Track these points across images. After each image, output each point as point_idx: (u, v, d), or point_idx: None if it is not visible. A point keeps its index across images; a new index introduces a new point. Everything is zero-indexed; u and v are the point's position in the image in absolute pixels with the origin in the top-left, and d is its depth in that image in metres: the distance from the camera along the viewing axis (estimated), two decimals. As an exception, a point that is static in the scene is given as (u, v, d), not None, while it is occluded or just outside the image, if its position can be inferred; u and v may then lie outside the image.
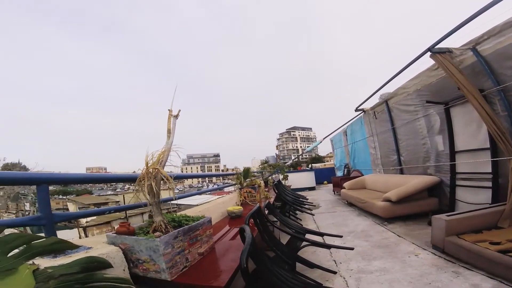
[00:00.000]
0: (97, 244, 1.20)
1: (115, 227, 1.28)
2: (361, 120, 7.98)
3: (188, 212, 2.20)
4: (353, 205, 6.21)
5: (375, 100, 6.68)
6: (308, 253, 3.15)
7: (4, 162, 17.54)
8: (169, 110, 1.43)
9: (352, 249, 2.48)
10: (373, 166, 7.50)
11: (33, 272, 0.84)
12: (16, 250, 0.89)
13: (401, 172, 5.92)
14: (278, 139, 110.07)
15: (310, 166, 24.24)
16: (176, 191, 1.45)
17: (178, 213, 1.59)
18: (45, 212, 1.19)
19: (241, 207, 2.83)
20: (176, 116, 1.39)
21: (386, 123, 6.25)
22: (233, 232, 2.14)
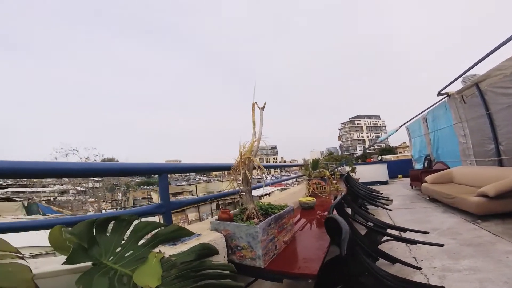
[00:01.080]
0: (203, 230, 1.29)
1: (186, 215, 1.36)
2: (445, 105, 6.91)
3: (264, 200, 2.31)
4: (436, 201, 5.49)
5: (457, 85, 5.81)
6: (384, 248, 2.97)
7: (102, 157, 21.29)
8: (253, 104, 1.53)
9: (441, 245, 2.27)
10: (463, 157, 6.44)
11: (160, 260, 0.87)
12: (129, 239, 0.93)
13: (500, 163, 4.95)
14: (340, 129, 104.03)
15: (380, 158, 22.25)
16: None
17: (264, 202, 1.68)
18: (165, 200, 1.33)
19: (314, 198, 2.82)
20: (263, 108, 1.46)
21: (478, 107, 5.35)
22: (308, 222, 2.15)
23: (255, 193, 1.66)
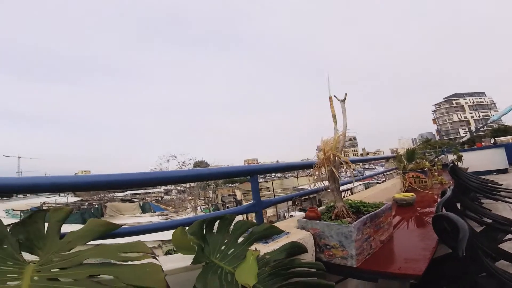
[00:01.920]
0: (290, 229, 1.29)
1: (265, 211, 1.37)
2: None
3: (353, 197, 2.16)
4: None
5: None
6: (506, 248, 2.34)
7: (195, 160, 24.27)
8: (330, 97, 1.45)
9: None
10: None
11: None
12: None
13: None
14: (435, 111, 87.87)
15: (493, 141, 17.77)
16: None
17: (353, 199, 1.56)
18: (256, 199, 1.41)
19: (413, 194, 2.46)
20: (344, 100, 1.35)
21: None
22: (406, 220, 1.95)
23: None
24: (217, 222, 1.06)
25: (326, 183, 1.34)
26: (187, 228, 0.94)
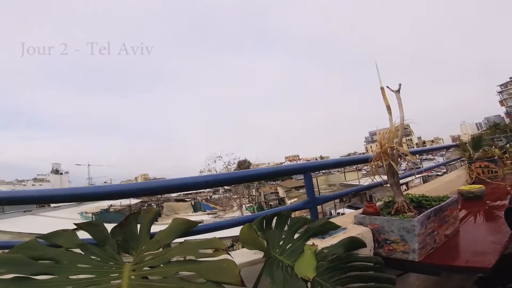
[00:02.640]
0: (347, 224, 1.30)
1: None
2: None
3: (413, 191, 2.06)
4: None
5: None
6: None
7: (238, 159, 25.06)
8: (381, 88, 1.41)
9: None
10: None
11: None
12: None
13: None
14: (501, 92, 75.57)
15: None
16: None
17: (413, 193, 1.50)
18: (311, 196, 1.45)
19: (481, 185, 2.23)
20: (398, 91, 1.32)
21: None
22: (474, 213, 1.80)
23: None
24: (275, 218, 1.11)
25: (382, 177, 1.32)
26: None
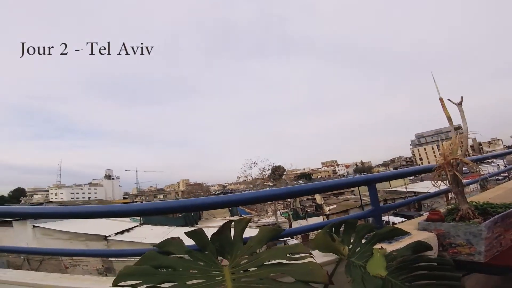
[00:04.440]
0: (411, 230, 1.37)
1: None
2: None
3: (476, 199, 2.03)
4: None
5: None
6: None
7: (273, 165, 25.27)
8: (440, 99, 1.46)
9: None
10: None
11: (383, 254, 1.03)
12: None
13: None
14: None
15: None
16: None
17: (477, 200, 1.53)
18: (375, 205, 1.55)
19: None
20: (460, 103, 1.38)
21: None
22: None
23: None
24: (343, 225, 1.24)
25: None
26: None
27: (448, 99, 1.42)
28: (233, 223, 1.06)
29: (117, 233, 11.50)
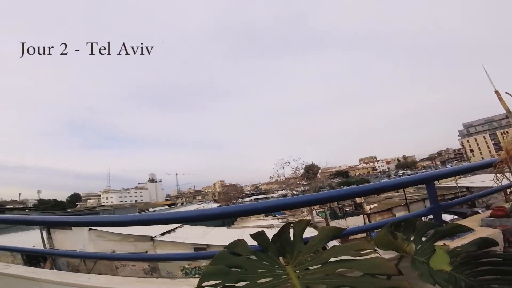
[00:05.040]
0: (473, 227, 1.35)
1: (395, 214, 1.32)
2: None
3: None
4: None
5: None
6: None
7: (306, 164, 24.81)
8: (496, 91, 1.41)
9: None
10: None
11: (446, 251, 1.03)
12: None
13: None
14: None
15: None
16: None
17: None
18: (434, 203, 1.53)
19: None
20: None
21: None
22: None
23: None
24: (402, 223, 1.23)
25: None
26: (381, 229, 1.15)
27: (507, 93, 1.31)
28: (291, 225, 1.11)
29: (161, 234, 12.21)
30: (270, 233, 1.08)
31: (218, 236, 13.26)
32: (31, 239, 11.84)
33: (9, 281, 1.48)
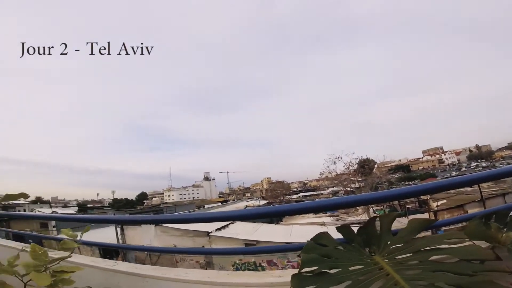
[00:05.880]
0: None
1: (467, 211, 1.28)
2: None
3: None
4: None
5: None
6: None
7: (360, 159, 23.21)
8: None
9: None
10: None
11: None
12: None
13: None
14: None
15: None
16: None
17: None
18: None
19: None
20: None
21: None
22: None
23: None
24: (493, 215, 1.17)
25: None
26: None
27: None
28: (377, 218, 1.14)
29: (216, 230, 12.89)
30: (320, 231, 1.11)
31: (267, 233, 13.50)
32: (107, 235, 13.63)
33: (119, 278, 1.60)
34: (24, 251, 1.48)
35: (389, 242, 1.02)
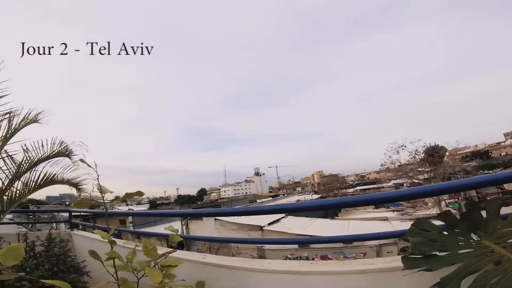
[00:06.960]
0: None
1: None
2: None
3: None
4: None
5: None
6: None
7: (427, 146, 20.63)
8: None
9: None
10: None
11: None
12: None
13: None
14: None
15: None
16: None
17: None
18: None
19: None
20: None
21: None
22: None
23: None
24: None
25: None
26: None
27: None
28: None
29: (269, 224, 13.07)
30: (384, 227, 1.05)
31: (321, 227, 13.07)
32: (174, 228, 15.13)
33: (208, 270, 1.64)
34: (135, 248, 1.69)
35: (498, 226, 1.00)
